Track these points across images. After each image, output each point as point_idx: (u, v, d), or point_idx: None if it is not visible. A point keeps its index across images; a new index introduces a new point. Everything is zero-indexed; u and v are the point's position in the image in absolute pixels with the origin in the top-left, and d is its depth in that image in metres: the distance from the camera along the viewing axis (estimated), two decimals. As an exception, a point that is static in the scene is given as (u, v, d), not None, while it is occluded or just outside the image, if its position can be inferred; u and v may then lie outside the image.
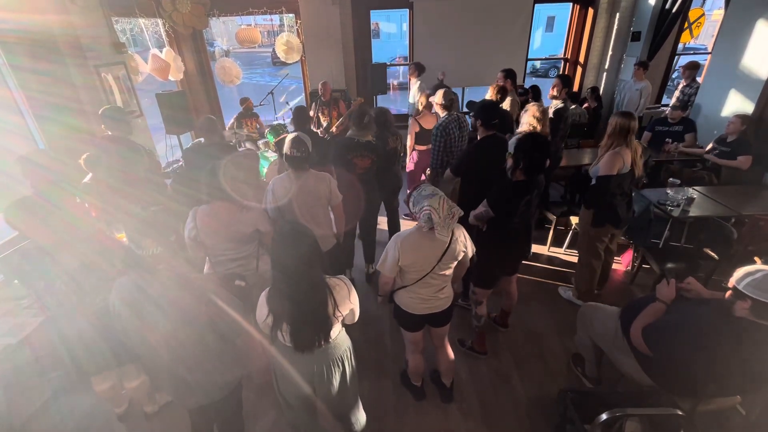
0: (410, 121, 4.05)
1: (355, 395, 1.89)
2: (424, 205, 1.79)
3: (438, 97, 3.36)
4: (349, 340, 1.80)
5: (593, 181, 2.82)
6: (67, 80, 3.59)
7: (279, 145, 3.40)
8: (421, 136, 4.04)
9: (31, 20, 3.26)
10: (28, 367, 2.42)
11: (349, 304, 1.66)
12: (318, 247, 1.54)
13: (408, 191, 4.54)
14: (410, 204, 1.90)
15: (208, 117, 3.34)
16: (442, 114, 3.35)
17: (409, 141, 4.09)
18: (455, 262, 2.00)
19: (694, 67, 5.27)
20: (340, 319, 1.64)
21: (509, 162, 2.29)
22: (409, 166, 4.28)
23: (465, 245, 2.00)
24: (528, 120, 3.02)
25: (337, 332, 1.68)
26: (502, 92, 3.81)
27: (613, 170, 2.63)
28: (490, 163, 2.64)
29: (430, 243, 1.91)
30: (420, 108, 4.07)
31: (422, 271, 1.95)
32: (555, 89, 3.94)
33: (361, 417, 1.98)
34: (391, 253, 1.92)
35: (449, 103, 3.34)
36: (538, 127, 2.98)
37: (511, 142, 2.59)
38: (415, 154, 4.18)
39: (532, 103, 3.12)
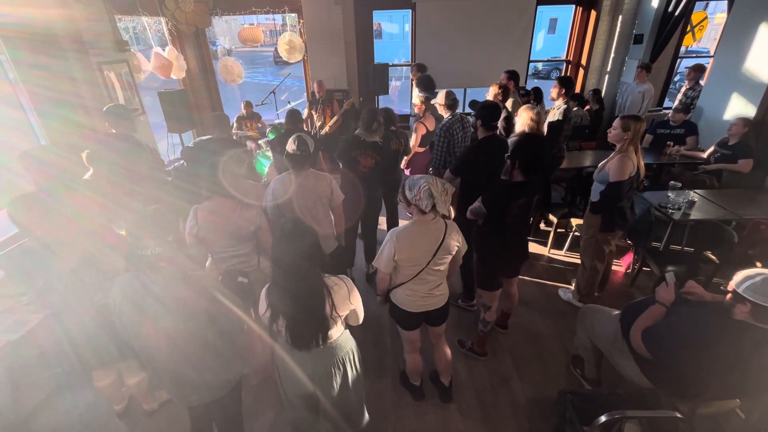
0: (415, 124, 4.03)
1: (359, 397, 1.85)
2: (421, 183, 1.85)
3: (440, 98, 3.37)
4: (353, 342, 1.76)
5: (600, 188, 2.77)
6: (69, 76, 3.59)
7: (274, 144, 3.41)
8: (425, 138, 4.03)
9: (33, 14, 3.25)
10: (32, 363, 2.43)
11: (349, 305, 1.63)
12: (319, 245, 1.52)
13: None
14: (406, 190, 1.92)
15: (219, 113, 3.50)
16: (446, 114, 3.36)
17: (413, 142, 4.07)
18: (449, 257, 2.02)
19: (698, 70, 5.26)
20: (339, 320, 1.61)
21: (508, 164, 2.30)
22: (405, 168, 4.26)
23: (458, 239, 2.02)
24: (523, 123, 3.02)
25: (339, 333, 1.66)
26: (505, 91, 3.81)
27: (625, 175, 2.61)
28: (490, 163, 2.65)
29: (426, 236, 1.93)
30: (420, 112, 4.03)
31: (418, 266, 1.96)
32: (555, 91, 3.95)
33: (363, 418, 1.95)
34: (388, 248, 1.92)
35: (452, 104, 3.34)
36: (532, 128, 2.98)
37: (510, 143, 2.59)
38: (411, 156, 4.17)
39: (525, 106, 3.11)
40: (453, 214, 2.47)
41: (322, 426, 1.96)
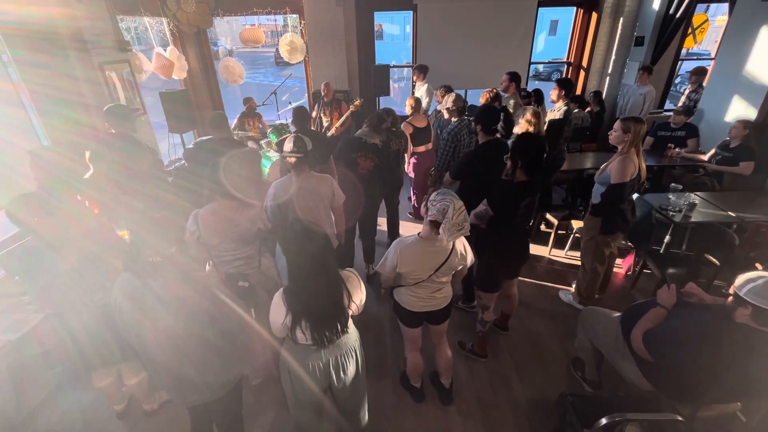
0: (402, 125, 4.03)
1: (365, 386, 1.92)
2: (447, 200, 1.79)
3: (448, 102, 3.37)
4: (357, 331, 1.83)
5: (601, 189, 2.77)
6: (70, 74, 3.59)
7: (280, 145, 3.41)
8: (416, 137, 4.02)
9: (33, 12, 3.24)
10: (33, 362, 2.43)
11: (360, 293, 1.70)
12: (329, 243, 1.58)
13: (412, 188, 4.56)
14: (431, 196, 1.88)
15: (219, 112, 3.39)
16: (453, 119, 3.36)
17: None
18: (452, 272, 2.04)
19: (699, 73, 5.28)
20: (354, 309, 1.68)
21: (509, 165, 2.30)
22: (409, 169, 4.28)
23: (464, 257, 2.03)
24: (522, 124, 3.03)
25: (350, 322, 1.73)
26: (495, 95, 3.85)
27: (626, 177, 2.61)
28: (491, 168, 2.63)
29: (430, 255, 1.94)
30: (409, 110, 4.05)
31: (419, 278, 2.00)
32: (555, 93, 3.95)
33: (364, 412, 1.99)
34: (390, 259, 1.97)
35: (460, 108, 3.34)
36: (531, 130, 2.99)
37: (510, 144, 2.59)
38: (414, 157, 4.17)
39: (525, 108, 3.13)
40: None
41: (324, 427, 1.96)
